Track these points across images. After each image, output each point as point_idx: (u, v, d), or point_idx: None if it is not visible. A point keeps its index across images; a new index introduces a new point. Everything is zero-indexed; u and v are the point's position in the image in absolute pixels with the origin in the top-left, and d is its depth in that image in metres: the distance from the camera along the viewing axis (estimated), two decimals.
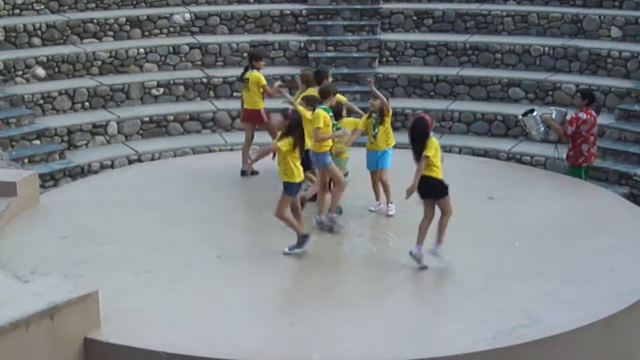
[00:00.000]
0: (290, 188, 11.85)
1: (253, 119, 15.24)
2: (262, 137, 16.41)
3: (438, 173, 11.55)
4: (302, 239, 11.96)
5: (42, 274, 10.97)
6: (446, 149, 17.66)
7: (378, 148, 13.27)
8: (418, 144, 11.54)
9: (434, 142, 11.56)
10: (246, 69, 15.19)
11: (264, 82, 15.02)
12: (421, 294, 11.04)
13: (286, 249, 11.93)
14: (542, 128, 15.52)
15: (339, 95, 13.50)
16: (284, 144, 11.71)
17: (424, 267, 11.54)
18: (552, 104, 19.10)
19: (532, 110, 15.85)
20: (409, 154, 11.71)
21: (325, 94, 12.89)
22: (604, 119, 18.33)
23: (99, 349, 9.86)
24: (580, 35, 20.23)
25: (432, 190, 11.60)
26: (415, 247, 11.59)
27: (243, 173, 14.95)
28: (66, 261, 11.70)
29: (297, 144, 11.80)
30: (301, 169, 11.93)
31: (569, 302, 10.70)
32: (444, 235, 11.65)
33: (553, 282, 11.31)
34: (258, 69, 15.11)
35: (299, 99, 13.49)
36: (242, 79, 15.21)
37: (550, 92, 19.30)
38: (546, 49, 19.97)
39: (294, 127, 11.84)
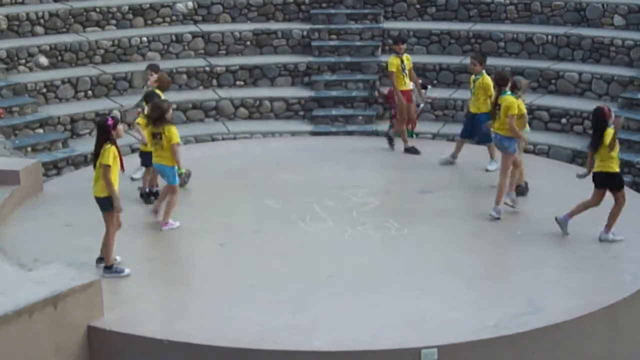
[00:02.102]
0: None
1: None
2: None
3: (613, 166, 11.86)
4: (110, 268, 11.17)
5: (45, 262, 10.98)
6: (449, 138, 17.67)
7: (156, 158, 12.60)
8: (596, 134, 11.92)
9: (610, 133, 11.79)
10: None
11: (391, 68, 15.54)
12: (423, 282, 11.04)
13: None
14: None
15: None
16: (109, 158, 10.92)
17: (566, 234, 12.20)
18: (555, 92, 19.11)
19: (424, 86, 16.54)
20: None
21: (505, 81, 13.07)
22: None
23: (102, 337, 9.90)
24: (584, 23, 20.17)
25: (606, 182, 11.97)
26: (563, 216, 12.20)
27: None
28: (69, 249, 11.73)
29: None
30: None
31: (572, 290, 10.72)
32: (614, 223, 12.04)
33: (555, 270, 11.32)
34: (396, 53, 15.71)
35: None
36: None
37: (553, 81, 19.26)
38: (549, 37, 19.92)
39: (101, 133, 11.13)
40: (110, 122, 11.05)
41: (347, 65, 20.30)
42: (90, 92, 18.92)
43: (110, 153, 10.87)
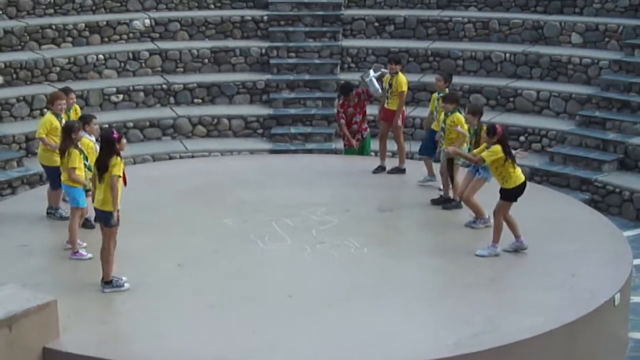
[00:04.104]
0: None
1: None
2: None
3: (508, 181, 12.13)
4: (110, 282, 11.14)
5: None
6: (408, 156, 17.65)
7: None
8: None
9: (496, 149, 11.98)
10: None
11: (403, 87, 15.40)
12: (382, 300, 10.99)
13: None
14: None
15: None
16: (120, 169, 10.92)
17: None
18: (513, 110, 19.22)
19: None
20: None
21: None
22: (564, 125, 18.46)
23: (57, 358, 9.74)
24: (541, 41, 20.34)
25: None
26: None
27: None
28: (24, 270, 11.56)
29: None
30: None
31: (530, 308, 10.71)
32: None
33: (514, 289, 11.33)
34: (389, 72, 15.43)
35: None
36: None
37: (511, 99, 19.39)
38: (507, 55, 20.07)
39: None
40: (115, 135, 10.97)
41: (306, 83, 20.33)
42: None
43: (120, 165, 10.87)
